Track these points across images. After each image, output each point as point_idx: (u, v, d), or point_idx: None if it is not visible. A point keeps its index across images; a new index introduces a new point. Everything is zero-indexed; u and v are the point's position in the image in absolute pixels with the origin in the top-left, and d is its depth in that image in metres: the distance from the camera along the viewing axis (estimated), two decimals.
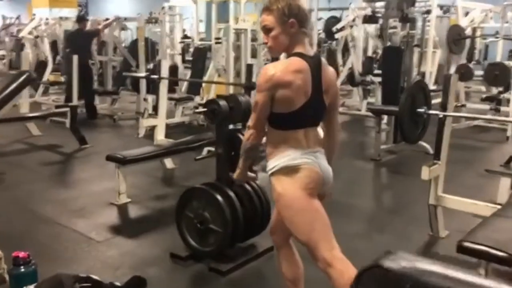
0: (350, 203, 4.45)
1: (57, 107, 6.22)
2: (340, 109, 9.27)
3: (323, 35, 10.63)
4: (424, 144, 5.67)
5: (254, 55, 7.54)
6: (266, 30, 2.19)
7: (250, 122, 2.20)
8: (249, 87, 4.51)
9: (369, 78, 8.76)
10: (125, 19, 9.42)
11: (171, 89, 7.14)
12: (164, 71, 5.09)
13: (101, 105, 8.90)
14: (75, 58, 5.98)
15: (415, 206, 4.20)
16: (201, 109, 3.29)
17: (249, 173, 2.38)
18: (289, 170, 2.14)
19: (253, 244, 3.35)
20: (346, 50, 9.61)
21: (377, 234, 3.76)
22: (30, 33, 9.42)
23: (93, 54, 8.88)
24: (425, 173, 3.33)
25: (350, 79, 8.99)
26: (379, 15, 7.52)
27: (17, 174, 5.18)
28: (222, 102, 3.11)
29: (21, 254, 2.65)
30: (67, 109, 5.92)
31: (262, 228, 3.26)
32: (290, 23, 2.14)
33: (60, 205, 4.23)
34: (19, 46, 10.48)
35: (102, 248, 3.42)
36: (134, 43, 8.92)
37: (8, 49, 11.56)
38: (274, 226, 2.47)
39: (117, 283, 2.73)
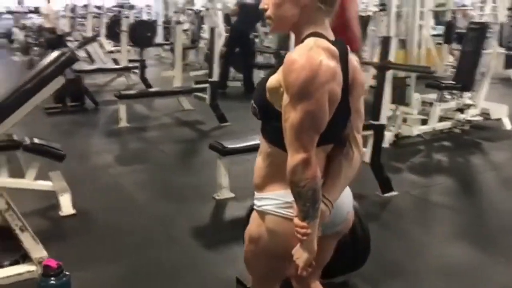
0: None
1: (196, 82, 6.01)
2: None
3: None
4: None
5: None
6: None
7: (296, 147, 1.34)
8: (382, 66, 3.51)
9: None
10: None
11: None
12: None
13: None
14: (216, 30, 5.64)
15: None
16: None
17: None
18: (279, 221, 1.48)
19: (345, 283, 2.52)
20: None
21: None
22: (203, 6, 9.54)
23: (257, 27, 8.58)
24: None
25: None
26: None
27: (145, 151, 5.14)
28: None
29: (52, 263, 2.34)
30: (207, 85, 5.66)
31: (357, 265, 2.43)
32: None
33: (161, 191, 3.96)
34: (198, 18, 10.79)
35: (175, 252, 2.98)
36: None
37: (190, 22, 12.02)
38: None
39: None
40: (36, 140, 3.61)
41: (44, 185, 3.54)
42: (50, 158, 3.52)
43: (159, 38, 12.64)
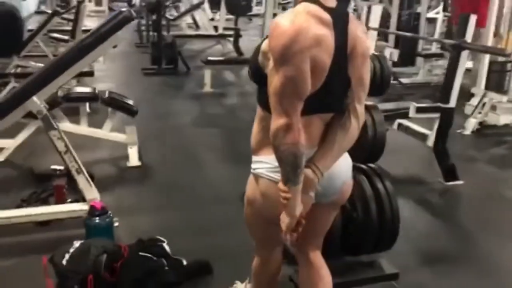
0: None
1: None
2: None
3: None
4: None
5: None
6: None
7: (278, 112, 1.35)
8: (458, 45, 3.25)
9: None
10: None
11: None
12: (374, 19, 4.19)
13: None
14: None
15: None
16: None
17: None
18: (270, 184, 1.50)
19: (371, 263, 2.46)
20: None
21: None
22: None
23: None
24: None
25: None
26: None
27: (221, 116, 5.34)
28: None
29: (98, 204, 2.59)
30: None
31: (383, 246, 2.36)
32: None
33: (226, 156, 4.11)
34: None
35: (222, 211, 3.10)
36: None
37: None
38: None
39: (184, 261, 2.46)
40: (114, 95, 3.92)
41: (117, 136, 3.85)
42: (124, 113, 3.82)
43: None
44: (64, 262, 2.21)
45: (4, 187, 3.37)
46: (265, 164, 1.53)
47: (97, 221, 2.55)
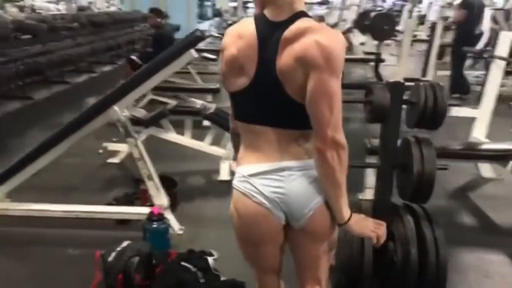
0: None
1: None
2: None
3: None
4: None
5: None
6: None
7: None
8: None
9: None
10: None
11: None
12: (503, 47, 3.70)
13: None
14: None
15: None
16: None
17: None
18: (237, 197, 1.53)
19: None
20: None
21: None
22: None
23: None
24: None
25: None
26: None
27: None
28: None
29: (156, 210, 2.75)
30: None
31: None
32: None
33: None
34: None
35: None
36: None
37: None
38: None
39: (221, 277, 2.48)
40: (219, 112, 4.13)
41: (215, 150, 4.03)
42: (221, 128, 3.99)
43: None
44: (110, 258, 2.40)
45: (110, 185, 3.80)
46: (237, 174, 1.53)
47: (153, 226, 2.72)
